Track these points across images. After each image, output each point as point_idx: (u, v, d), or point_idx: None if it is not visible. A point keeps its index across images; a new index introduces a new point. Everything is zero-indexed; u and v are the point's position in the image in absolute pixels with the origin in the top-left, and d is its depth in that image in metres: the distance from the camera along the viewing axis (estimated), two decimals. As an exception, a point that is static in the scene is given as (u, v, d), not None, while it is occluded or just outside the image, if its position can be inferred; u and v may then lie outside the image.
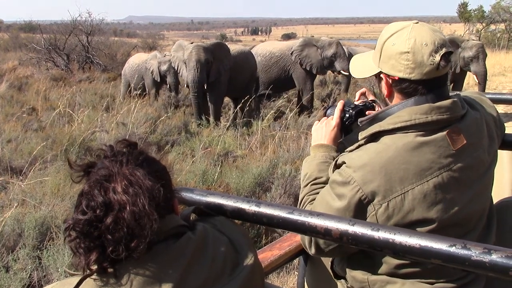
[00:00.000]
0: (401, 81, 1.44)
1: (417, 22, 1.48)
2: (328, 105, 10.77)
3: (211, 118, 9.36)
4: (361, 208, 1.36)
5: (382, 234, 1.07)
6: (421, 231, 1.28)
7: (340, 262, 1.61)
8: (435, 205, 1.34)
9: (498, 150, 1.58)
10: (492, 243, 1.37)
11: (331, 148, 1.67)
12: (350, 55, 10.85)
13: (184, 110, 10.59)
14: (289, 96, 12.03)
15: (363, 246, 1.10)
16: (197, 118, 9.31)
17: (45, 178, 5.19)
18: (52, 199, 4.60)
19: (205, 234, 1.11)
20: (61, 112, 8.64)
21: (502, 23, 32.50)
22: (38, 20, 30.61)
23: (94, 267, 0.99)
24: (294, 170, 5.48)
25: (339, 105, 1.72)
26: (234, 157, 6.73)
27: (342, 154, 1.49)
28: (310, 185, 1.60)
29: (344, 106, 1.71)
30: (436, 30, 1.46)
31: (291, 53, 10.44)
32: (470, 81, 13.75)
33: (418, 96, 1.43)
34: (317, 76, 11.47)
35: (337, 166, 1.47)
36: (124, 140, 1.14)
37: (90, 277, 0.99)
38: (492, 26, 33.47)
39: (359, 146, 1.46)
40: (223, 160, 6.45)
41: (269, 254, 1.68)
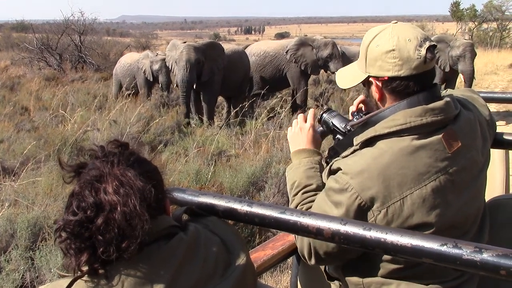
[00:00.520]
0: (391, 80, 1.43)
1: (396, 22, 1.48)
2: (321, 103, 10.76)
3: (205, 118, 9.35)
4: (360, 215, 1.34)
5: (374, 234, 1.06)
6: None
7: (335, 266, 1.59)
8: (434, 209, 1.33)
9: (490, 149, 1.58)
10: (485, 243, 1.36)
11: (313, 151, 1.64)
12: (343, 54, 10.88)
13: (177, 109, 10.56)
14: (283, 95, 12.04)
15: (355, 246, 1.10)
16: (186, 117, 9.32)
17: (37, 178, 5.17)
18: (44, 200, 4.57)
19: (196, 234, 1.11)
20: (54, 111, 8.60)
21: (494, 22, 32.74)
22: (30, 19, 30.47)
23: (85, 268, 0.99)
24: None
25: (311, 111, 1.71)
26: (227, 156, 6.71)
27: (337, 160, 1.46)
28: (301, 193, 1.56)
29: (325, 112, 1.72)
30: (416, 27, 1.46)
31: (286, 51, 10.44)
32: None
33: (410, 97, 1.41)
34: (310, 75, 11.50)
35: (332, 172, 1.44)
36: (115, 140, 1.14)
37: (81, 278, 0.98)
38: (484, 25, 33.68)
39: (354, 151, 1.43)
40: (217, 159, 6.43)
41: (262, 253, 1.67)
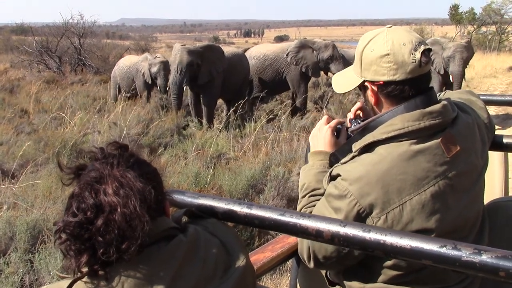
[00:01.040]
0: (386, 84, 1.43)
1: (390, 27, 1.48)
2: (321, 107, 10.73)
3: (204, 120, 9.35)
4: (359, 221, 1.33)
5: (373, 235, 1.06)
6: None
7: (335, 271, 1.58)
8: (434, 214, 1.33)
9: (489, 152, 1.58)
10: (485, 245, 1.36)
11: (329, 154, 1.62)
12: (342, 57, 10.89)
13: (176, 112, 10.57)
14: (282, 98, 12.03)
15: (355, 247, 1.10)
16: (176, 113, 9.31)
17: (37, 181, 5.16)
18: (44, 202, 4.57)
19: (196, 236, 1.11)
20: (53, 114, 8.60)
21: (493, 25, 32.78)
22: (30, 22, 30.44)
23: (85, 270, 0.99)
24: (287, 172, 5.47)
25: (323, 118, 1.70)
26: (227, 159, 6.70)
27: (337, 166, 1.46)
28: (307, 196, 1.56)
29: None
30: (411, 31, 1.46)
31: (287, 54, 10.41)
32: (463, 82, 13.78)
33: (407, 102, 1.41)
34: (310, 78, 11.49)
35: (332, 178, 1.44)
36: (114, 142, 1.14)
37: (81, 280, 0.98)
38: (483, 28, 33.71)
39: (353, 157, 1.43)
40: (216, 162, 6.42)
41: (261, 256, 1.67)
